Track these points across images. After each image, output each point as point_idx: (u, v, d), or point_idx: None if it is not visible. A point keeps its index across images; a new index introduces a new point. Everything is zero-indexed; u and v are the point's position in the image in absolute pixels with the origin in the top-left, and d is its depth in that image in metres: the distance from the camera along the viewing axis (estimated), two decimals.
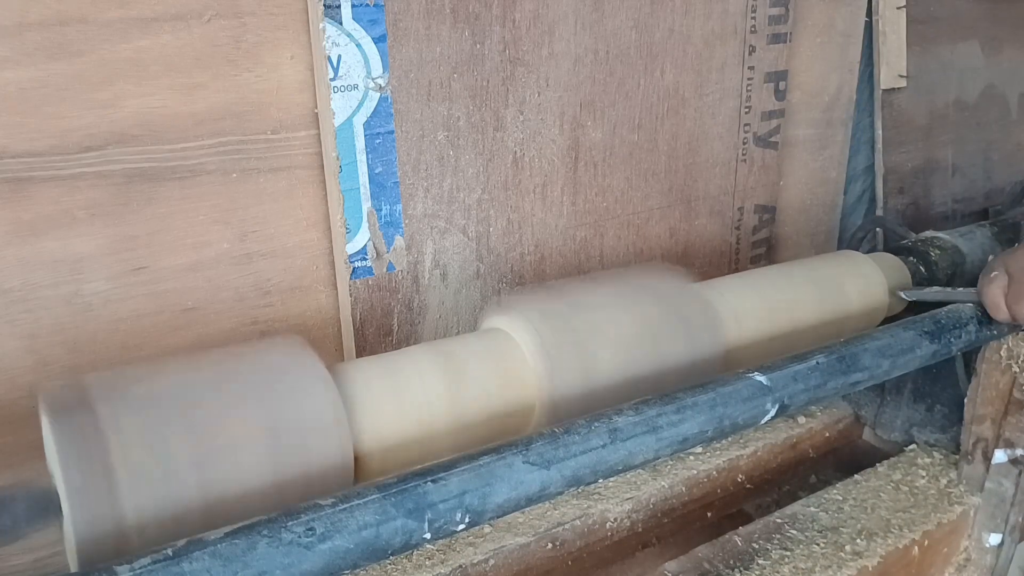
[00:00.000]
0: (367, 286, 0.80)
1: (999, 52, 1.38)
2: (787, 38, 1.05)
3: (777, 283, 0.81)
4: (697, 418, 0.60)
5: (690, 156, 1.01)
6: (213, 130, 0.70)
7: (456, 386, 0.61)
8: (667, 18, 0.93)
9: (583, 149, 0.91)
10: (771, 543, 0.67)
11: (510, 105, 0.85)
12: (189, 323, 0.73)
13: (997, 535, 0.75)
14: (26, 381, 0.67)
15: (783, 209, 1.16)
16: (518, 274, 0.91)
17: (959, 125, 1.35)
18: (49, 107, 0.63)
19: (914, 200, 1.32)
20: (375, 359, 0.62)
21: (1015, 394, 0.74)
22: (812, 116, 1.15)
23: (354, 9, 0.72)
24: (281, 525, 0.44)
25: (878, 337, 0.73)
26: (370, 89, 0.75)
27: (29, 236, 0.65)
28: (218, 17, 0.68)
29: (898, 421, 0.87)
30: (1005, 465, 0.74)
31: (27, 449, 0.66)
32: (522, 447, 0.53)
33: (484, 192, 0.85)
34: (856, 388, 0.72)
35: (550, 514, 0.69)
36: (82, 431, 0.47)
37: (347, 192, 0.76)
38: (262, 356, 0.55)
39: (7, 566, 0.68)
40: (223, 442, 0.50)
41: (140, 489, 0.47)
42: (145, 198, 0.69)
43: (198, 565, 0.41)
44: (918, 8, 1.22)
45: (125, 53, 0.65)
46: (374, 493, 0.47)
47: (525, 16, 0.83)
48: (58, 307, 0.67)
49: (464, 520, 0.50)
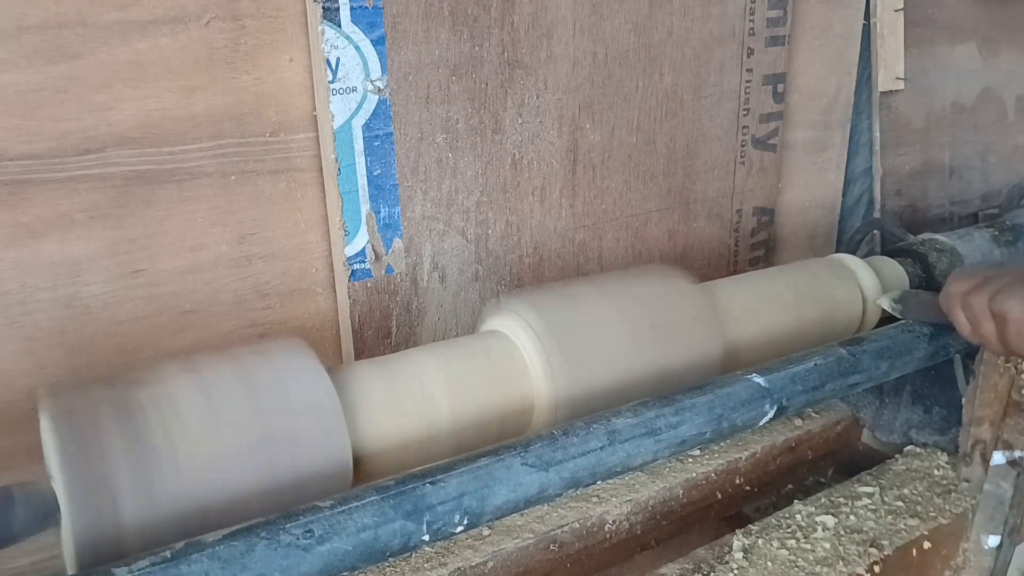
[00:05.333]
0: (366, 288, 0.80)
1: (996, 55, 1.38)
2: (785, 40, 1.05)
3: (777, 285, 0.81)
4: (696, 420, 0.60)
5: (688, 158, 1.01)
6: (212, 132, 0.70)
7: (455, 388, 0.61)
8: (665, 20, 0.94)
9: (582, 151, 0.91)
10: (770, 546, 0.67)
11: (509, 108, 0.85)
12: (187, 325, 0.73)
13: (996, 537, 0.75)
14: (24, 384, 0.67)
15: (781, 211, 1.16)
16: (517, 276, 0.91)
17: (956, 127, 1.36)
18: (48, 110, 0.63)
19: (912, 202, 1.32)
20: (374, 361, 0.62)
21: (1013, 396, 0.74)
22: (810, 118, 1.15)
23: (353, 12, 0.72)
24: (279, 527, 0.44)
25: (877, 339, 0.73)
26: (369, 91, 0.75)
27: (27, 239, 0.65)
28: (217, 20, 0.68)
29: (897, 423, 0.87)
30: (1003, 467, 0.74)
31: (25, 451, 0.66)
32: (521, 449, 0.53)
33: (483, 194, 0.85)
34: (855, 390, 0.72)
35: (549, 516, 0.69)
36: (81, 433, 0.47)
37: (346, 194, 0.76)
38: (261, 358, 0.55)
39: (6, 568, 0.68)
40: (222, 444, 0.50)
41: (139, 491, 0.47)
42: (143, 201, 0.69)
43: (196, 567, 0.41)
44: (916, 11, 1.22)
45: (124, 56, 0.65)
46: (373, 495, 0.47)
47: (524, 19, 0.83)
48: (56, 310, 0.67)
49: (463, 522, 0.50)
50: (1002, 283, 0.66)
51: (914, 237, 0.97)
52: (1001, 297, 0.65)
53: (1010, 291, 0.65)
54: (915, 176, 1.31)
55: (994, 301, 0.65)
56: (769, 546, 0.67)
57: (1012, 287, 0.65)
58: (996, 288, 0.66)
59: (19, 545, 0.46)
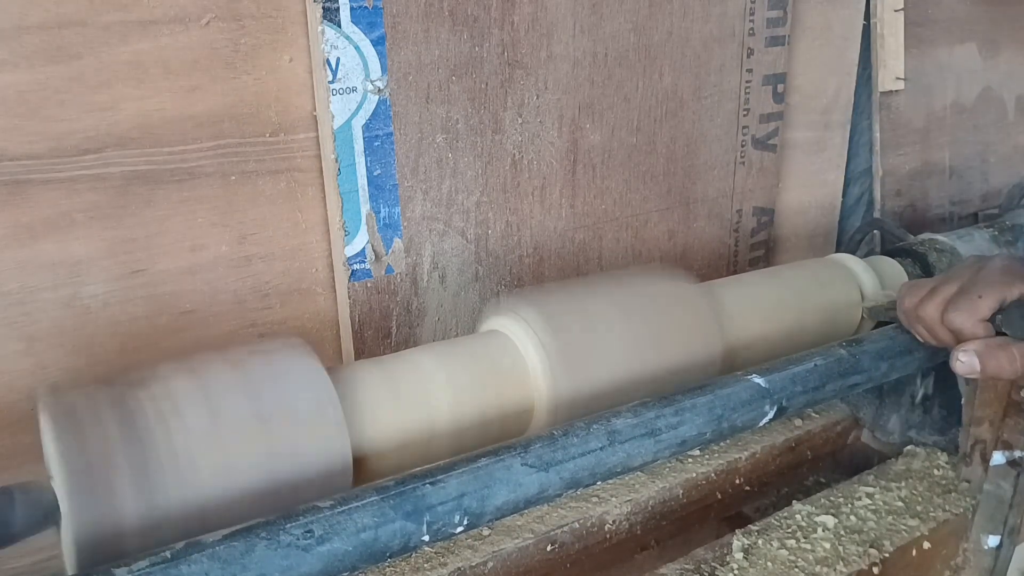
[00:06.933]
0: (366, 288, 0.80)
1: (997, 55, 1.38)
2: (785, 41, 1.05)
3: (776, 285, 0.81)
4: (696, 420, 0.60)
5: (688, 158, 1.01)
6: (212, 133, 0.70)
7: (455, 389, 0.61)
8: (665, 21, 0.94)
9: (582, 151, 0.91)
10: (770, 546, 0.67)
11: (509, 108, 0.85)
12: (187, 326, 0.73)
13: (995, 537, 0.75)
14: (24, 384, 0.67)
15: (781, 211, 1.16)
16: (517, 276, 0.91)
17: (956, 127, 1.36)
18: (48, 110, 0.63)
19: (912, 202, 1.32)
20: (374, 361, 0.62)
21: (1013, 396, 0.74)
22: (810, 119, 1.15)
23: (352, 12, 0.72)
24: (279, 527, 0.44)
25: (877, 339, 0.73)
26: (369, 91, 0.75)
27: (27, 239, 0.65)
28: (217, 20, 0.68)
29: (896, 423, 0.87)
30: (1003, 467, 0.74)
31: (25, 452, 0.66)
32: (521, 449, 0.53)
33: (483, 194, 0.85)
34: (855, 390, 0.72)
35: (549, 516, 0.69)
36: (81, 433, 0.47)
37: (346, 194, 0.76)
38: (261, 358, 0.55)
39: (5, 569, 0.68)
40: (222, 444, 0.50)
41: (139, 492, 0.47)
42: (143, 201, 0.69)
43: (196, 568, 0.41)
44: (916, 11, 1.22)
45: (124, 56, 0.65)
46: (372, 495, 0.47)
47: (524, 19, 0.83)
48: (56, 310, 0.67)
49: (463, 522, 0.50)
50: (949, 292, 0.65)
51: (914, 237, 0.97)
52: (951, 315, 0.64)
53: (956, 305, 0.64)
54: (915, 176, 1.31)
55: (946, 317, 0.64)
56: (769, 546, 0.67)
57: (958, 301, 0.64)
58: (944, 298, 0.65)
59: (19, 545, 0.46)
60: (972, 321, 0.62)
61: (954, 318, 0.63)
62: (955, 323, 0.63)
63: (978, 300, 0.62)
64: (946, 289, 0.65)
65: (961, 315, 0.63)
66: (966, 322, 0.63)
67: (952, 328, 0.64)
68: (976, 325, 0.62)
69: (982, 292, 0.62)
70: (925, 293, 0.67)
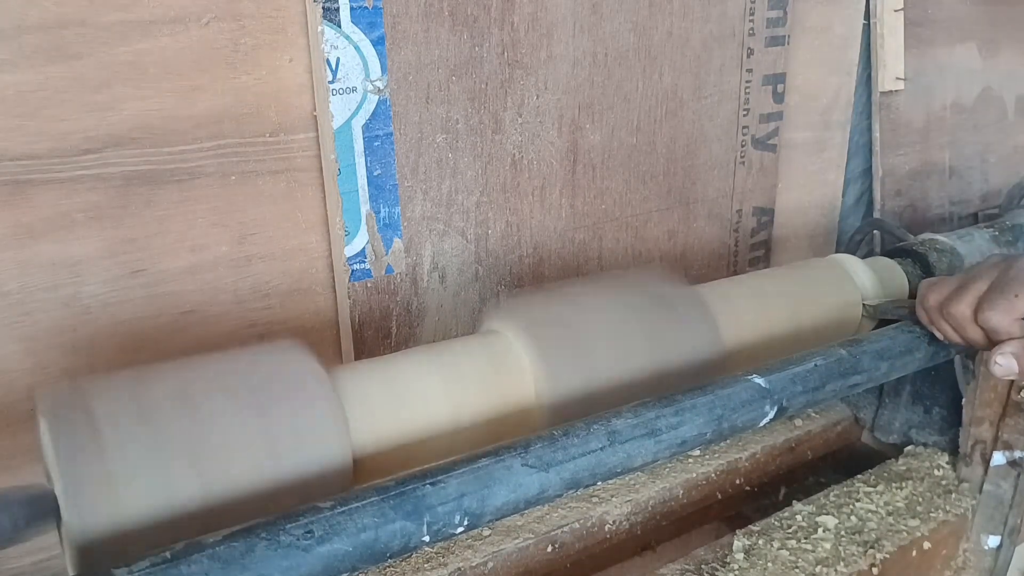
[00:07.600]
0: (366, 288, 0.80)
1: (996, 54, 1.38)
2: (785, 41, 1.05)
3: (776, 285, 0.81)
4: (696, 420, 0.60)
5: (688, 159, 1.01)
6: (212, 133, 0.70)
7: (455, 389, 0.61)
8: (665, 21, 0.94)
9: (582, 152, 0.91)
10: (770, 546, 0.67)
11: (509, 108, 0.85)
12: (187, 326, 0.73)
13: (996, 537, 0.75)
14: (24, 384, 0.67)
15: (781, 211, 1.16)
16: (517, 276, 0.91)
17: (956, 127, 1.36)
18: (48, 110, 0.63)
19: (911, 202, 1.32)
20: (374, 361, 0.62)
21: (1013, 396, 0.74)
22: (810, 119, 1.15)
23: (352, 12, 0.72)
24: (280, 528, 0.44)
25: (877, 339, 0.73)
26: (369, 92, 0.75)
27: (27, 239, 0.65)
28: (217, 20, 0.68)
29: (896, 423, 0.87)
30: (1003, 467, 0.75)
31: (25, 452, 0.66)
32: (521, 450, 0.53)
33: (483, 194, 0.85)
34: (855, 390, 0.72)
35: (549, 516, 0.69)
36: (81, 433, 0.47)
37: (346, 194, 0.76)
38: (261, 359, 0.55)
39: (6, 569, 0.68)
40: (221, 445, 0.50)
41: (138, 492, 0.47)
42: (144, 201, 0.69)
43: (196, 568, 0.41)
44: (916, 11, 1.22)
45: (124, 56, 0.65)
46: (373, 496, 0.47)
47: (523, 19, 0.83)
48: (56, 310, 0.67)
49: (463, 523, 0.50)
50: (981, 289, 0.64)
51: (914, 237, 0.97)
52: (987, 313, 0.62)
53: (992, 304, 0.62)
54: (915, 176, 1.31)
55: (980, 316, 0.63)
56: (769, 547, 0.67)
57: (993, 299, 0.62)
58: (976, 295, 0.64)
59: (19, 545, 0.46)
60: (1009, 320, 0.61)
61: (990, 316, 0.62)
62: (991, 322, 0.62)
63: (1014, 299, 0.61)
64: (976, 287, 0.64)
65: (997, 314, 0.61)
66: (1003, 321, 0.61)
67: (987, 327, 0.62)
68: (1012, 324, 0.61)
69: (1018, 291, 0.61)
70: (951, 290, 0.66)
